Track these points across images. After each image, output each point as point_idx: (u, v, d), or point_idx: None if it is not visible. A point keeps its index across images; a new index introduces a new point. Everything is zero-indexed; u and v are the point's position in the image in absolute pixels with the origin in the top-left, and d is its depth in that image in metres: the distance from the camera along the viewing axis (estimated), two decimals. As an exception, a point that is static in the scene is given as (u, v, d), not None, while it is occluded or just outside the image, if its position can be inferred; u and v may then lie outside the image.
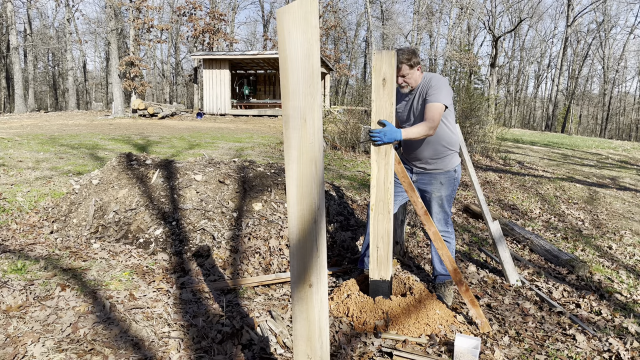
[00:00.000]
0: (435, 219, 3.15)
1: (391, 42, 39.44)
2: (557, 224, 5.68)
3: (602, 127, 38.54)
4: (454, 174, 3.09)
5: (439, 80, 2.89)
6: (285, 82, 1.43)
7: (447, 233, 3.17)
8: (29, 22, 34.48)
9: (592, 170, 10.26)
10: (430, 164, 3.08)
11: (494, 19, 32.53)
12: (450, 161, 3.07)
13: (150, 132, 11.84)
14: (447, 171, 3.07)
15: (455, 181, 3.12)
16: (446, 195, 3.10)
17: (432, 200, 3.14)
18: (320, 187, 1.51)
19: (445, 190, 3.09)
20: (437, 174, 3.08)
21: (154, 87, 41.16)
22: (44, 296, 2.62)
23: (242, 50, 28.30)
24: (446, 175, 3.08)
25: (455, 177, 3.11)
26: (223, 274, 3.30)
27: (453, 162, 3.09)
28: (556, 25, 61.03)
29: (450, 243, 3.18)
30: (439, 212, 3.14)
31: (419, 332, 2.62)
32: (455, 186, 3.13)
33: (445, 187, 3.09)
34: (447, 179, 3.08)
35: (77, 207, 4.15)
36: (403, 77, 2.94)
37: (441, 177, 3.08)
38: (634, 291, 3.64)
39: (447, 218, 3.16)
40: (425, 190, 3.14)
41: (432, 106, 2.81)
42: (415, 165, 3.14)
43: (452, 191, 3.13)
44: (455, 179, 3.11)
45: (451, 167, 3.08)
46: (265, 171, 4.62)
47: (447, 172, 3.08)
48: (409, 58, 2.88)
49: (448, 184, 3.09)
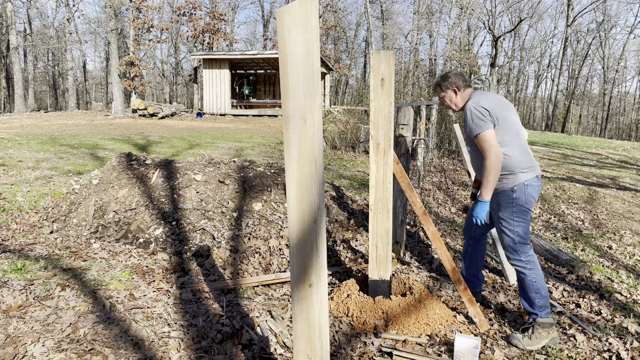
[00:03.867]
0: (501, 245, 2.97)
1: (391, 42, 39.43)
2: (557, 223, 5.68)
3: (602, 127, 38.53)
4: (512, 193, 2.72)
5: (468, 112, 2.70)
6: (285, 82, 1.43)
7: (517, 261, 2.76)
8: (28, 22, 34.48)
9: (592, 170, 10.26)
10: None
11: (494, 19, 32.52)
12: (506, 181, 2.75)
13: (150, 132, 11.84)
14: (504, 191, 2.76)
15: (516, 201, 2.72)
16: (505, 217, 2.77)
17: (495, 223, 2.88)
18: (320, 187, 1.51)
19: (504, 211, 2.77)
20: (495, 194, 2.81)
21: (154, 87, 41.16)
22: (44, 296, 2.62)
23: (242, 50, 28.29)
24: (503, 195, 2.78)
25: (514, 197, 2.72)
26: (223, 273, 3.30)
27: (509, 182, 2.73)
28: (556, 25, 61.05)
29: (526, 275, 2.73)
30: (500, 236, 2.86)
31: (419, 332, 2.62)
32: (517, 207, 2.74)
33: (504, 208, 2.77)
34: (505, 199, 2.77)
35: (77, 207, 4.15)
36: (449, 102, 2.88)
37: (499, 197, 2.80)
38: (634, 291, 3.64)
39: (512, 244, 2.76)
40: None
41: (478, 140, 2.65)
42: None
43: (513, 213, 2.74)
44: (514, 199, 2.72)
45: (507, 186, 2.74)
46: (265, 171, 4.62)
47: (503, 192, 2.76)
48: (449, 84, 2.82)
49: (505, 204, 2.76)
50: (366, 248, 4.10)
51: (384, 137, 2.70)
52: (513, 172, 2.70)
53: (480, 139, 2.63)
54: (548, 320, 2.67)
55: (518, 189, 2.70)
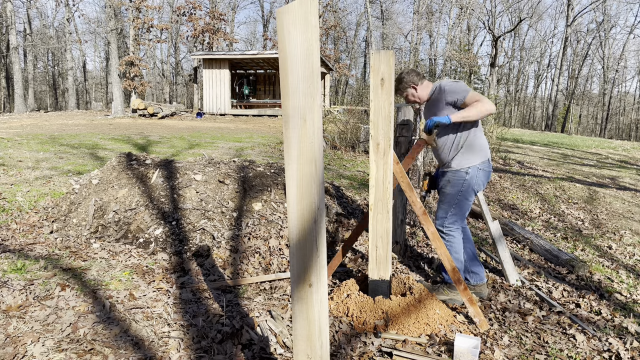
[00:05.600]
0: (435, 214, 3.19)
1: (391, 41, 39.44)
2: (557, 223, 5.68)
3: (601, 126, 38.53)
4: (465, 175, 3.00)
5: (452, 85, 2.90)
6: (285, 82, 1.43)
7: (440, 227, 3.13)
8: (28, 22, 34.48)
9: (592, 170, 10.26)
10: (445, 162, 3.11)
11: (493, 19, 32.52)
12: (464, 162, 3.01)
13: (150, 131, 11.83)
14: (458, 170, 3.02)
15: (466, 182, 3.01)
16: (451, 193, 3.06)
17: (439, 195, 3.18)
18: (320, 187, 1.51)
19: (452, 188, 3.05)
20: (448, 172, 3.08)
21: (154, 87, 41.16)
22: (44, 296, 2.62)
23: (242, 50, 28.28)
24: (456, 175, 3.04)
25: (466, 178, 3.00)
26: (223, 273, 3.30)
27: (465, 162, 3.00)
28: (556, 25, 61.07)
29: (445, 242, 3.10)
30: (438, 205, 3.18)
31: (418, 332, 2.62)
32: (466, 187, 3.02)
33: (452, 186, 3.05)
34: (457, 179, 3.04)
35: (77, 207, 4.15)
36: (413, 98, 3.10)
37: (450, 175, 3.07)
38: (634, 291, 3.64)
39: (443, 214, 3.11)
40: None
41: (469, 98, 2.84)
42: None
43: (459, 192, 3.03)
44: (465, 180, 3.01)
45: (462, 166, 3.00)
46: (265, 171, 4.62)
47: (457, 172, 3.03)
48: (405, 84, 3.05)
49: (456, 183, 3.04)
50: (366, 248, 4.10)
51: (384, 137, 2.70)
52: (472, 151, 2.97)
53: (472, 96, 2.83)
54: (452, 284, 3.10)
55: (471, 171, 2.98)
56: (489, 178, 3.12)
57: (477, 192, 3.07)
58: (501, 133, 11.11)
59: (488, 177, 3.08)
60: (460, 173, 3.01)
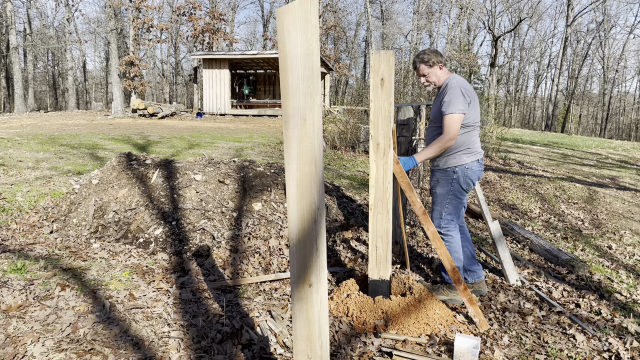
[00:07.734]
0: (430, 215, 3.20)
1: (391, 41, 39.44)
2: (556, 223, 5.68)
3: (601, 127, 38.54)
4: (453, 174, 3.05)
5: (453, 89, 2.92)
6: (285, 82, 1.43)
7: (438, 228, 3.14)
8: (28, 22, 34.47)
9: (592, 170, 10.26)
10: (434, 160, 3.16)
11: (493, 19, 32.51)
12: (452, 161, 3.05)
13: (150, 132, 11.83)
14: (446, 169, 3.07)
15: (455, 181, 3.05)
16: (442, 193, 3.09)
17: (432, 197, 3.20)
18: (320, 187, 1.51)
19: (442, 188, 3.09)
20: (437, 171, 3.13)
21: (154, 87, 41.16)
22: (44, 296, 2.62)
23: (242, 50, 28.27)
24: (444, 174, 3.09)
25: (454, 177, 3.04)
26: (223, 273, 3.30)
27: (454, 162, 3.05)
28: (556, 25, 61.07)
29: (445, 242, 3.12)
30: (432, 207, 3.20)
31: (418, 332, 2.62)
32: (455, 186, 3.07)
33: (442, 186, 3.09)
34: (445, 178, 3.09)
35: (77, 207, 4.15)
36: (424, 77, 3.08)
37: (439, 175, 3.11)
38: (634, 291, 3.64)
39: (439, 216, 3.12)
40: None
41: (447, 117, 2.89)
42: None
43: (449, 191, 3.07)
44: (453, 179, 3.05)
45: (450, 165, 3.05)
46: (265, 171, 4.62)
47: (445, 171, 3.08)
48: (426, 59, 3.02)
49: (445, 183, 3.08)
50: (366, 248, 4.10)
51: (384, 137, 2.70)
52: (461, 152, 2.99)
53: (449, 118, 2.87)
54: (451, 284, 3.13)
55: (459, 170, 3.02)
56: (480, 177, 3.15)
57: (467, 190, 3.10)
58: (501, 133, 11.12)
59: (478, 176, 3.11)
60: (448, 172, 3.05)
